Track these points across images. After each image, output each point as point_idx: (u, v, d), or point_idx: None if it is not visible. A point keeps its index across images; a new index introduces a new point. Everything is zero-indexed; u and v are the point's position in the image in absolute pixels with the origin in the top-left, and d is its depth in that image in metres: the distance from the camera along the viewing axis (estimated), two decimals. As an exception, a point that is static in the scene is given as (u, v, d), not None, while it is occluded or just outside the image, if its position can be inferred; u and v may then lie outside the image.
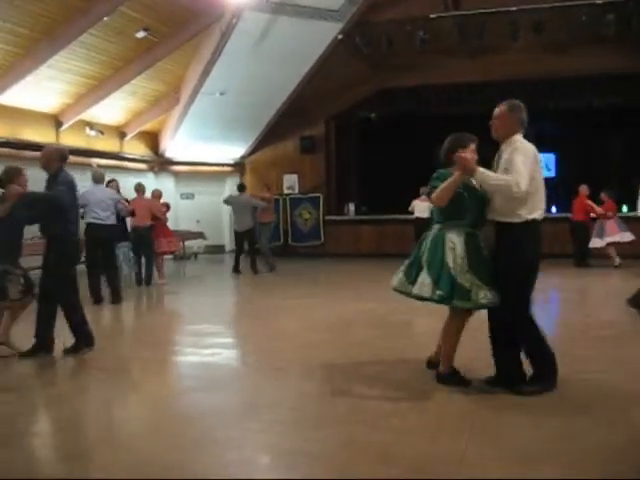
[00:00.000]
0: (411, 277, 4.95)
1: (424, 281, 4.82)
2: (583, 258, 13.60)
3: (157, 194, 12.90)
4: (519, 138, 4.84)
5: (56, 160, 6.55)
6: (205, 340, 7.24)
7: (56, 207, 6.31)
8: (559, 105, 16.58)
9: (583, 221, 13.56)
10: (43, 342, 6.34)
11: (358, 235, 17.85)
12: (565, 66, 15.18)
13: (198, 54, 14.77)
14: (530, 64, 15.31)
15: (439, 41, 14.99)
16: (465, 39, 14.98)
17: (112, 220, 10.11)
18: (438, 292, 4.75)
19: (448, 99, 16.91)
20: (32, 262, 6.75)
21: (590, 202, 13.46)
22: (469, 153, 4.83)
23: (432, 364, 5.31)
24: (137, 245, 11.95)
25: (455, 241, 4.79)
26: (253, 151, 19.15)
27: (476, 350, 5.36)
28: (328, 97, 17.46)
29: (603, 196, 13.45)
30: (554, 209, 16.05)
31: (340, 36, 15.18)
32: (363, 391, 5.03)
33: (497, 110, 4.92)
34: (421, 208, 14.73)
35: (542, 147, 5.41)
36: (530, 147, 4.79)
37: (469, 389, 4.93)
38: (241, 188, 14.61)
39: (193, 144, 17.95)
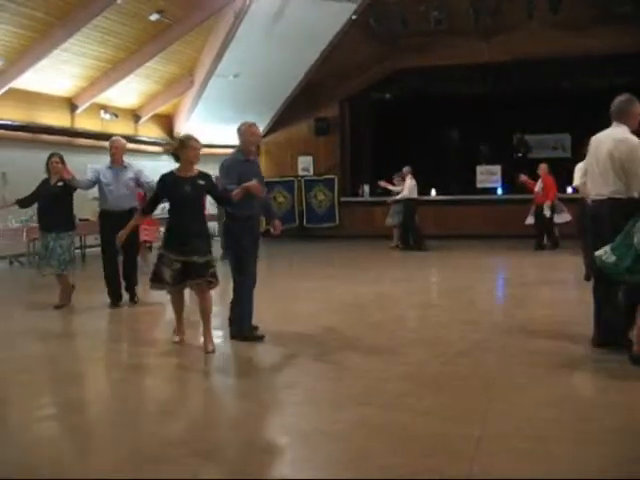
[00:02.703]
0: None
1: None
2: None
3: None
4: None
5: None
6: (220, 322, 7.26)
7: None
8: (573, 85, 16.42)
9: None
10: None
11: (373, 216, 17.79)
12: (580, 45, 14.98)
13: (212, 36, 14.75)
14: (545, 44, 15.15)
15: (453, 21, 14.90)
16: (479, 19, 14.86)
17: None
18: None
19: (462, 79, 16.80)
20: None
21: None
22: None
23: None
24: None
25: None
26: (267, 133, 19.10)
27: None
28: (342, 78, 17.39)
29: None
30: (570, 190, 15.92)
31: (354, 17, 15.12)
32: (379, 372, 5.04)
33: None
34: (412, 188, 14.24)
35: (557, 127, 5.47)
36: None
37: (486, 367, 4.95)
38: None
39: (207, 126, 17.89)
